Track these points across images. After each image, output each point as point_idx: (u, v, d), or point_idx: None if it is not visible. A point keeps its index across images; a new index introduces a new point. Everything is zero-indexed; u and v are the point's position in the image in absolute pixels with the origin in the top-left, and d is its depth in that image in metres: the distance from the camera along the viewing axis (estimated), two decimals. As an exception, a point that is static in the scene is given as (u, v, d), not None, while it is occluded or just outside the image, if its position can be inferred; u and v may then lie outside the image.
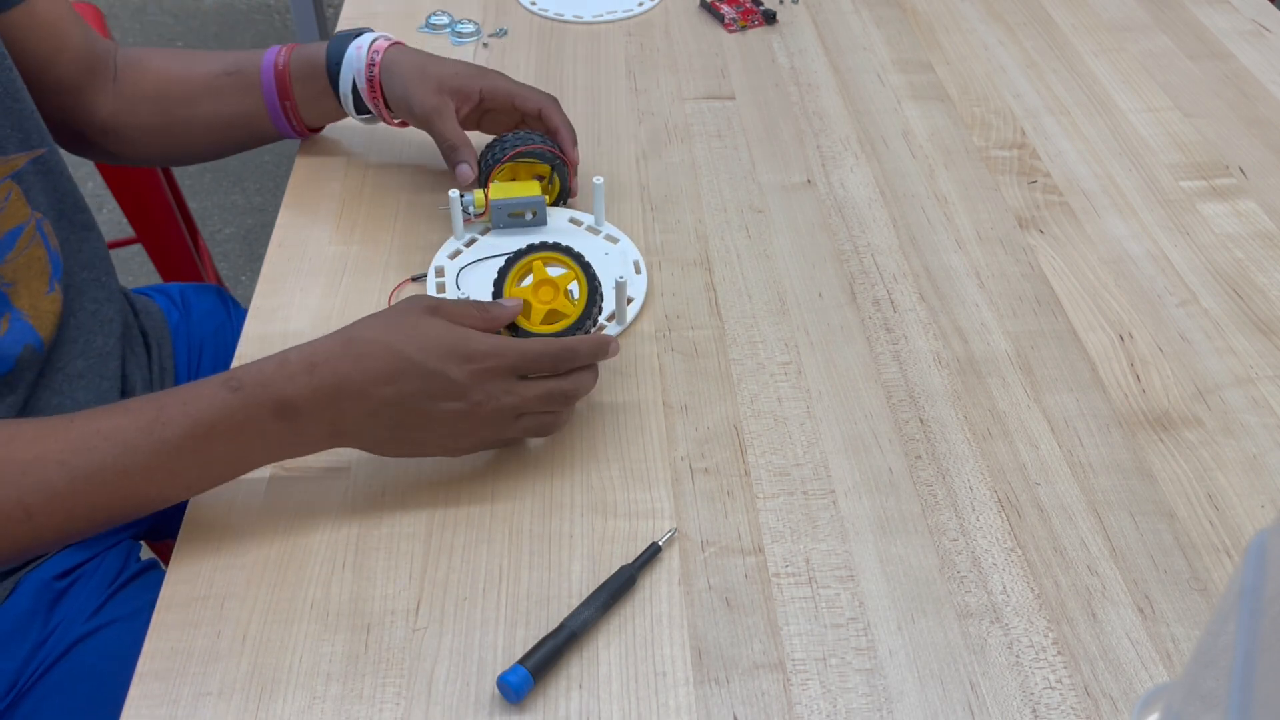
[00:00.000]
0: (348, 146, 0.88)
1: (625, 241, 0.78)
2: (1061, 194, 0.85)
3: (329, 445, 0.58)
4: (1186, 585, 0.58)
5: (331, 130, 0.89)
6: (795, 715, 0.52)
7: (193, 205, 2.12)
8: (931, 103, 0.95)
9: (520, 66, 0.99)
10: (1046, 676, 0.54)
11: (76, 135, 0.80)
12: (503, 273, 0.65)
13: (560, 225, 0.78)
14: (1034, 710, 0.52)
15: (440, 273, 0.75)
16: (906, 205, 0.83)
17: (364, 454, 0.63)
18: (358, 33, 0.78)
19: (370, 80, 0.77)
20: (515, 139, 0.77)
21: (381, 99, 0.78)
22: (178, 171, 2.20)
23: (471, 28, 1.03)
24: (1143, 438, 0.66)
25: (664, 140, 0.90)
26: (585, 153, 0.86)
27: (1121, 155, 0.89)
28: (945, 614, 0.56)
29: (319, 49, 0.78)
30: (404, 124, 0.81)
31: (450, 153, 0.77)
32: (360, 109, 0.80)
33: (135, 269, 1.94)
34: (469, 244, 0.77)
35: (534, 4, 1.08)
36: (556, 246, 0.65)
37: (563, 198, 0.80)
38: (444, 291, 0.73)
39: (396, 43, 0.79)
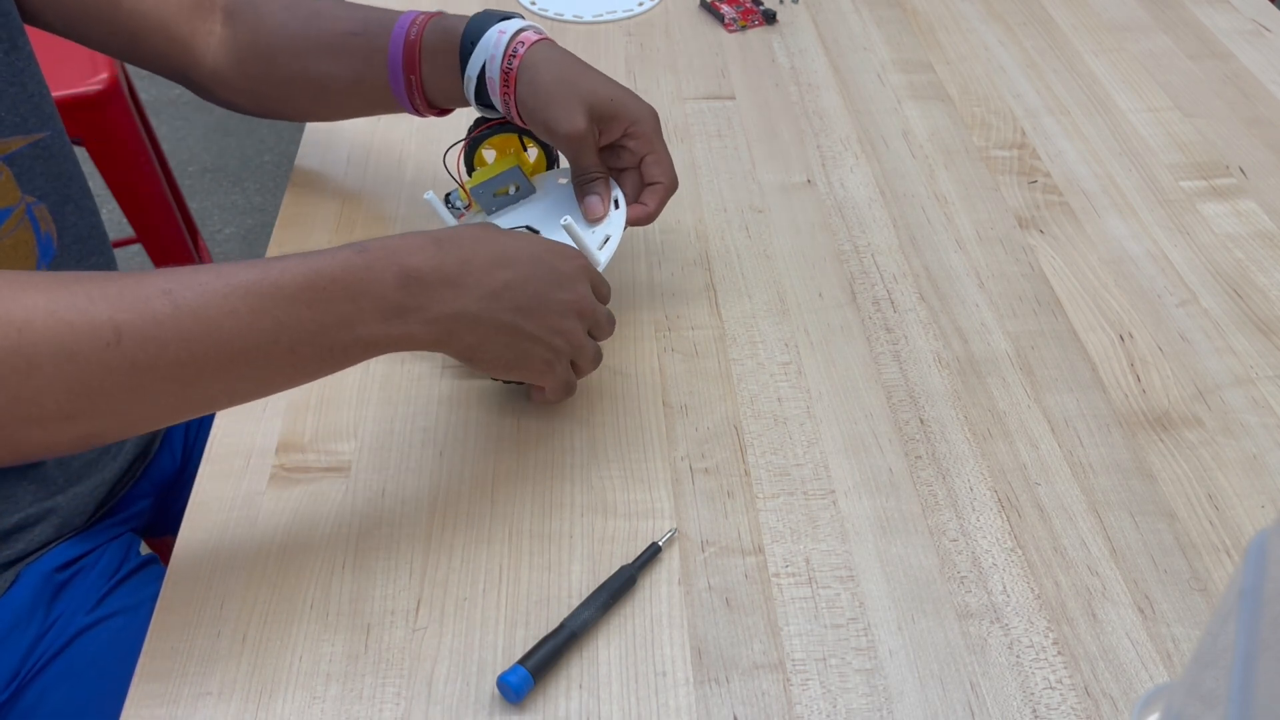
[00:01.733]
0: (348, 145, 0.88)
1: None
2: (1061, 194, 0.85)
3: (438, 335, 0.55)
4: (1186, 585, 0.58)
5: (332, 128, 0.89)
6: (795, 715, 0.52)
7: (193, 205, 2.12)
8: (931, 103, 0.95)
9: (520, 66, 0.99)
10: (1046, 676, 0.54)
11: (186, 79, 0.77)
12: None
13: (550, 186, 0.75)
14: (1034, 710, 0.52)
15: None
16: (906, 205, 0.83)
17: (363, 453, 0.63)
18: (506, 15, 0.70)
19: (506, 74, 0.67)
20: (474, 127, 0.74)
21: (514, 99, 0.68)
22: (178, 171, 2.21)
23: (471, 27, 1.03)
24: (1143, 438, 0.66)
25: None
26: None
27: (1121, 155, 0.89)
28: (945, 614, 0.56)
29: (459, 21, 0.70)
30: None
31: (584, 185, 0.69)
32: (481, 99, 0.70)
33: (135, 269, 1.94)
34: None
35: (534, 4, 1.08)
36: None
37: (553, 162, 0.76)
38: None
39: (547, 38, 0.69)
